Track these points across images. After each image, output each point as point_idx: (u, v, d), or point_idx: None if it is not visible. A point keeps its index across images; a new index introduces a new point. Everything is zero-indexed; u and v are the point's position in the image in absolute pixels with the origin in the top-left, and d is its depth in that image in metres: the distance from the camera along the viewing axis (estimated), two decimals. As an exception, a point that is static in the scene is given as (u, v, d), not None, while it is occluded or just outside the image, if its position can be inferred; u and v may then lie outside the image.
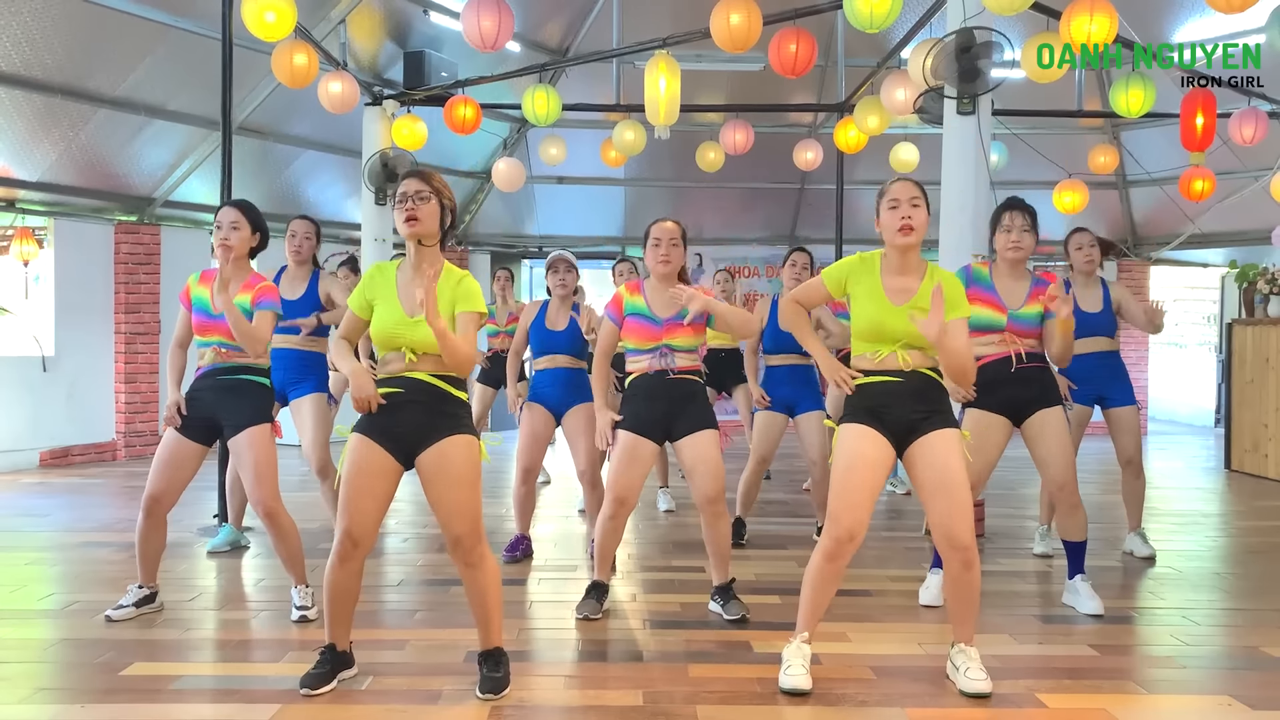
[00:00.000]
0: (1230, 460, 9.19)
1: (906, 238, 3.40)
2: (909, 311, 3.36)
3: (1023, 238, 4.30)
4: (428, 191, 3.28)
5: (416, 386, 3.25)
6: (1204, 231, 11.37)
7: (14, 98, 7.60)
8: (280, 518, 4.11)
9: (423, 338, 3.21)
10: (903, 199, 3.42)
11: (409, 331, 3.23)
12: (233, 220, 4.18)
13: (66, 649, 3.81)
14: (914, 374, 3.40)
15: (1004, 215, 4.35)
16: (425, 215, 3.26)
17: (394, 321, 3.24)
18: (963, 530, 3.34)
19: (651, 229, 4.25)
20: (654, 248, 4.20)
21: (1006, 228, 4.30)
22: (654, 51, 7.27)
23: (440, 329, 3.09)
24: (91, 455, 9.05)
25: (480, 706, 3.24)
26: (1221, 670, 3.73)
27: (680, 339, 4.13)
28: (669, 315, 4.13)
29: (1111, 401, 5.26)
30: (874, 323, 3.41)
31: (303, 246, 5.28)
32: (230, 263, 4.07)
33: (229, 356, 4.12)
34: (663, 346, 4.13)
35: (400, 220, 3.26)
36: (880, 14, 5.53)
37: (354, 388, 3.24)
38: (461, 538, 3.24)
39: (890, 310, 3.39)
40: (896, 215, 3.41)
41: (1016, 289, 4.30)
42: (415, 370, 3.25)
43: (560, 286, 5.21)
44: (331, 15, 8.70)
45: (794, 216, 12.78)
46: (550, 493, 7.61)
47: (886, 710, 3.26)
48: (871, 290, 3.44)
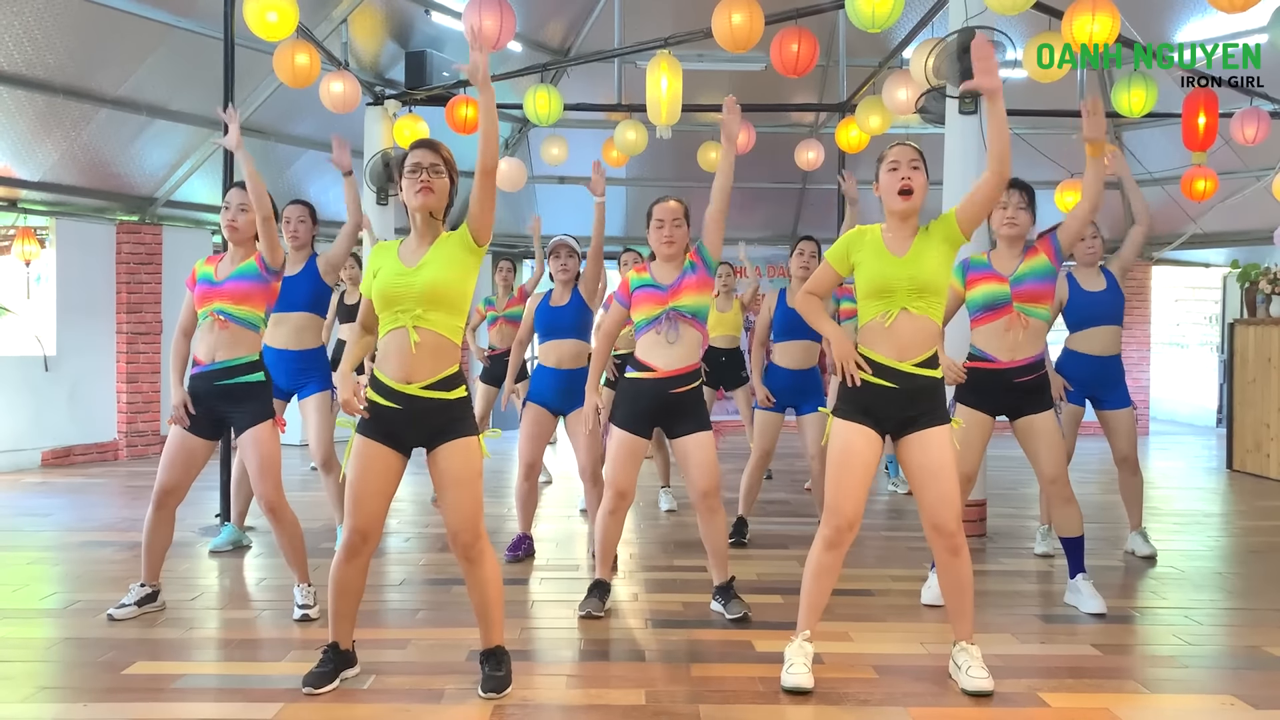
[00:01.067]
0: (1232, 460, 9.18)
1: (906, 201, 3.40)
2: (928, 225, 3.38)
3: (1017, 214, 4.32)
4: (441, 165, 3.26)
5: (415, 405, 3.22)
6: (1206, 231, 11.36)
7: (16, 97, 7.61)
8: (283, 512, 4.15)
9: (425, 281, 3.17)
10: (902, 161, 3.42)
11: (410, 279, 3.18)
12: (240, 202, 4.23)
13: (69, 648, 3.82)
14: (909, 379, 3.40)
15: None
16: (439, 188, 3.25)
17: (394, 273, 3.21)
18: (948, 517, 3.37)
19: (654, 209, 4.26)
20: (657, 228, 4.21)
21: (1002, 204, 4.31)
22: (655, 51, 7.27)
23: (484, 77, 3.09)
24: (93, 455, 9.06)
25: (483, 705, 3.24)
26: (1224, 670, 3.73)
27: (686, 299, 4.12)
28: (672, 280, 4.14)
29: (1105, 404, 5.27)
30: (879, 275, 3.37)
31: (299, 230, 5.32)
32: (238, 245, 4.21)
33: (226, 325, 4.12)
34: (669, 310, 4.12)
35: (412, 191, 3.22)
36: (882, 14, 5.52)
37: (339, 389, 3.27)
38: (460, 533, 3.27)
39: (893, 261, 3.38)
40: (896, 177, 3.41)
41: (1011, 259, 4.34)
42: (411, 382, 3.22)
43: (562, 271, 5.22)
44: (333, 15, 8.71)
45: (795, 216, 12.78)
46: (552, 492, 7.61)
47: (889, 709, 3.26)
48: (875, 250, 3.42)
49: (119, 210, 9.20)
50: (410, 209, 3.26)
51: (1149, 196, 11.70)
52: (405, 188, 3.25)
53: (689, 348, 4.16)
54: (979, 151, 5.99)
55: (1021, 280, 4.27)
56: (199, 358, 4.17)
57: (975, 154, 5.98)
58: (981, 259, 4.41)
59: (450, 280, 3.20)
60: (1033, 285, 4.27)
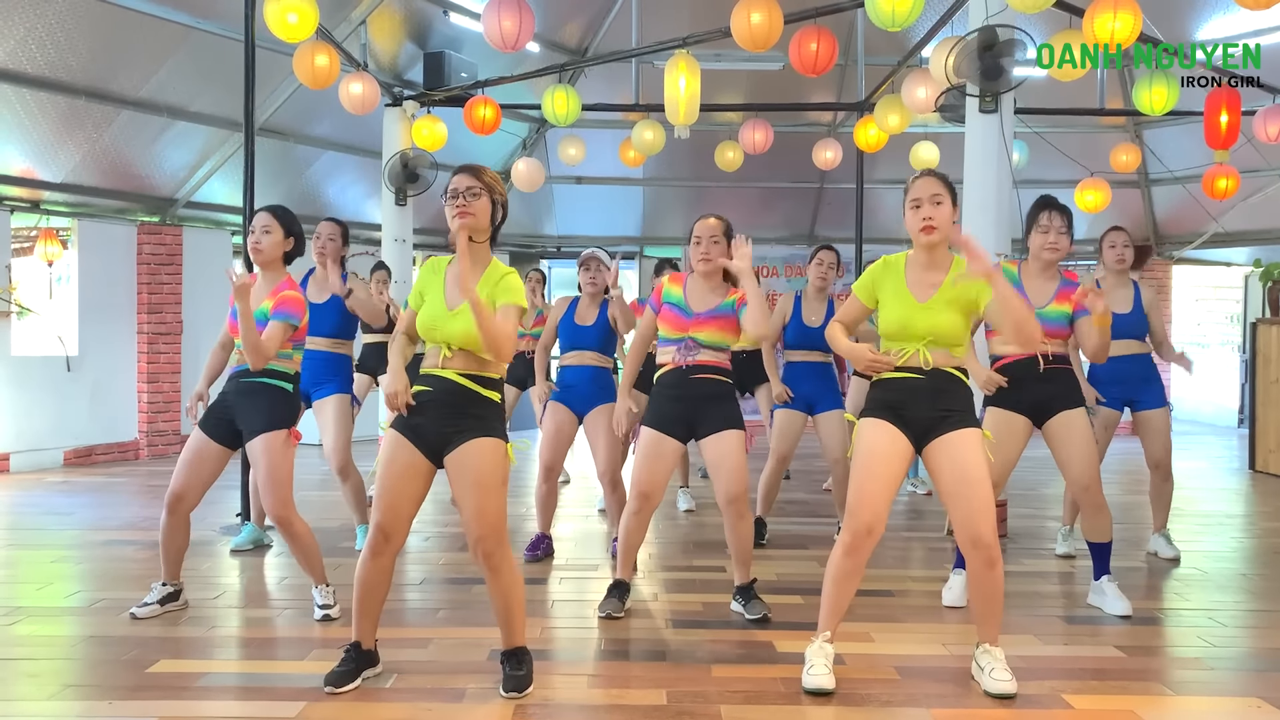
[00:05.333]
0: (1254, 461, 9.10)
1: (929, 236, 3.40)
2: (953, 276, 3.36)
3: (1060, 239, 4.30)
4: (479, 187, 3.29)
5: (444, 385, 3.26)
6: (1227, 230, 11.27)
7: (39, 99, 7.66)
8: (293, 524, 4.11)
9: (459, 329, 3.22)
10: (924, 199, 3.41)
11: (446, 324, 3.24)
12: (265, 225, 4.21)
13: (93, 646, 3.84)
14: (936, 372, 3.39)
15: (1041, 215, 4.33)
16: (478, 210, 3.27)
17: (434, 314, 3.27)
18: (985, 529, 3.32)
19: (695, 226, 4.27)
20: (695, 245, 4.23)
21: (1044, 228, 4.29)
22: (673, 51, 7.26)
23: (475, 300, 3.08)
24: (115, 454, 9.12)
25: (504, 705, 3.25)
26: (1250, 672, 3.70)
27: (706, 334, 4.13)
28: (702, 310, 4.14)
29: (1142, 404, 5.20)
30: (899, 319, 3.40)
31: (327, 247, 5.32)
32: (264, 266, 4.19)
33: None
34: (688, 339, 4.13)
35: (451, 218, 3.27)
36: (902, 12, 5.50)
37: (387, 384, 3.32)
38: (481, 540, 3.25)
39: (914, 306, 3.39)
40: (919, 216, 3.41)
41: (1045, 288, 4.31)
42: (447, 368, 3.26)
43: (590, 284, 5.24)
44: (352, 16, 8.75)
45: (813, 216, 12.75)
46: (570, 493, 7.62)
47: (911, 710, 3.24)
48: (896, 289, 3.44)
49: (140, 211, 9.26)
50: (451, 232, 3.30)
51: (1170, 196, 11.74)
52: (447, 214, 3.31)
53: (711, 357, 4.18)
54: (999, 150, 5.97)
55: (1047, 319, 4.24)
56: (236, 366, 4.21)
57: (995, 152, 5.95)
58: (1012, 273, 4.36)
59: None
60: (1056, 326, 4.28)
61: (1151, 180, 11.82)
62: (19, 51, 7.29)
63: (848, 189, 10.90)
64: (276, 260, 4.24)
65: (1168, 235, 12.44)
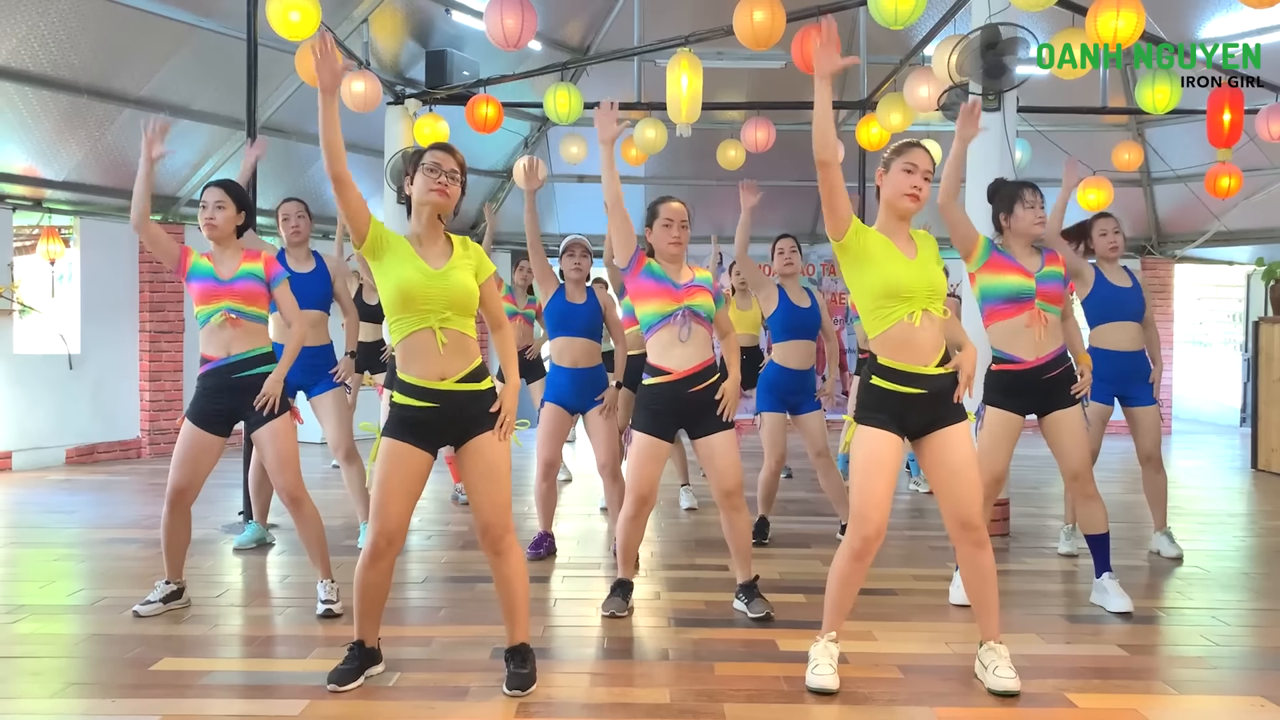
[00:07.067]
0: (1257, 459, 9.10)
1: (911, 204, 3.39)
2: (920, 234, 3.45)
3: (1043, 214, 4.40)
4: (458, 172, 3.33)
5: (451, 400, 3.25)
6: (1229, 229, 11.27)
7: (41, 98, 7.67)
8: (304, 504, 4.20)
9: (454, 285, 3.22)
10: (919, 167, 3.39)
11: (438, 283, 3.21)
12: (218, 200, 4.21)
13: (96, 644, 3.85)
14: (937, 379, 3.38)
15: (1024, 192, 4.35)
16: (453, 193, 3.31)
17: (422, 274, 3.22)
18: (973, 512, 3.37)
19: (660, 208, 4.25)
20: (665, 228, 4.21)
21: (1030, 204, 4.33)
22: (675, 49, 7.26)
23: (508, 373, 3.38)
24: (117, 452, 9.12)
25: (507, 703, 3.25)
26: (1252, 670, 3.69)
27: (699, 300, 4.14)
28: (684, 281, 4.16)
29: (1133, 400, 5.25)
30: (895, 278, 3.33)
31: (299, 226, 5.39)
32: (218, 242, 4.21)
33: (238, 322, 4.14)
34: (684, 309, 4.11)
35: (426, 189, 3.27)
36: (905, 10, 5.49)
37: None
38: (490, 525, 3.30)
39: (907, 263, 3.37)
40: (908, 180, 3.38)
41: (1032, 259, 4.37)
42: (444, 377, 3.23)
43: (575, 270, 5.26)
44: (354, 15, 8.74)
45: (815, 214, 12.74)
46: (571, 491, 7.62)
47: (915, 709, 3.24)
48: (886, 250, 3.38)
49: (142, 210, 9.25)
50: (417, 203, 3.31)
51: (1172, 194, 11.72)
52: (419, 183, 3.30)
53: (700, 345, 4.14)
54: (1001, 148, 5.96)
55: (1047, 279, 4.30)
56: (212, 354, 4.18)
57: (997, 151, 5.94)
58: (1001, 246, 4.39)
59: (472, 289, 3.29)
60: (1052, 286, 4.31)
61: (1154, 179, 11.80)
62: (21, 50, 7.29)
63: (850, 187, 10.89)
64: (230, 235, 4.24)
65: (1170, 234, 12.43)
